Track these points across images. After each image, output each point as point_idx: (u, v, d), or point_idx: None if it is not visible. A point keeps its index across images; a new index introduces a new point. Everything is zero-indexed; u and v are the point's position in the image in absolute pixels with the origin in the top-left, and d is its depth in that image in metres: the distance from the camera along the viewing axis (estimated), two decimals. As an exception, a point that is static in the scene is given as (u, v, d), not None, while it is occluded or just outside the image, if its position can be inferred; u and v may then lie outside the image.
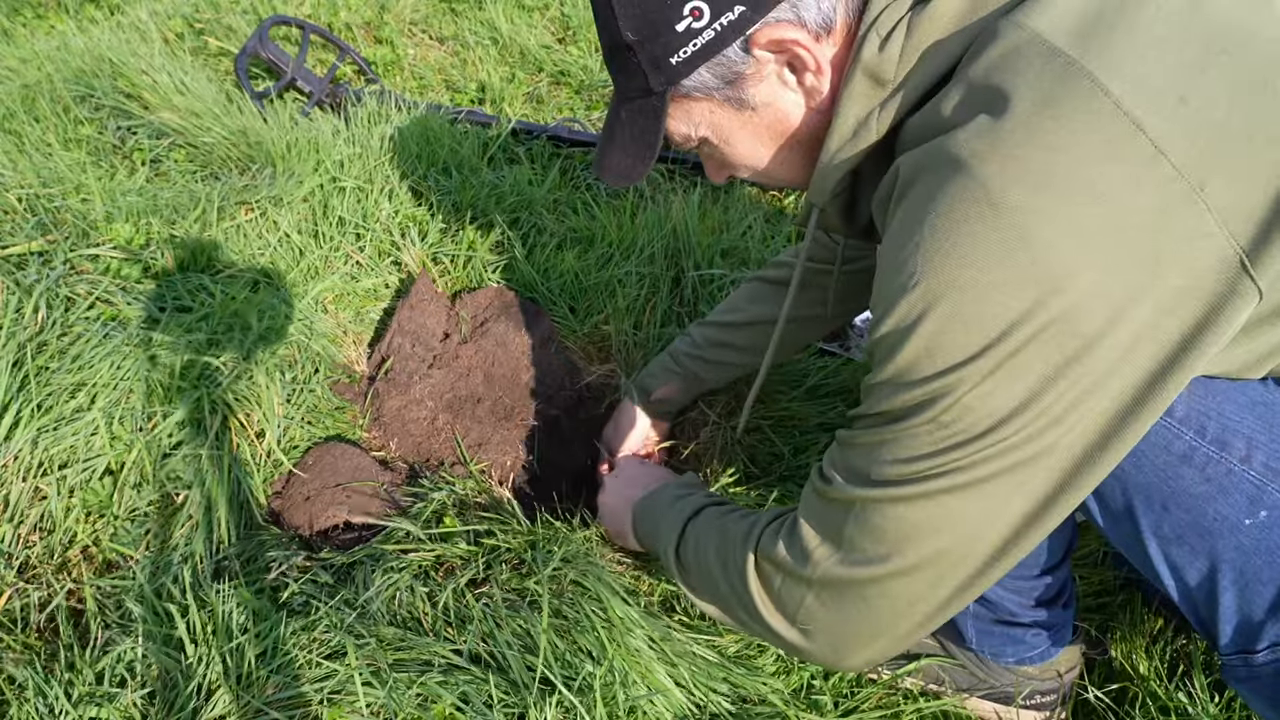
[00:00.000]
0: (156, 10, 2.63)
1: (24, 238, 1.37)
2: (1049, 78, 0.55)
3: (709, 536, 0.86)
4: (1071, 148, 0.53)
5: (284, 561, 1.15)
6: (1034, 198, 0.53)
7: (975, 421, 0.58)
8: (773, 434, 1.40)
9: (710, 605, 0.85)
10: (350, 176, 1.76)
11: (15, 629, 1.10)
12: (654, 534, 1.00)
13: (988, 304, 0.55)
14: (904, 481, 0.62)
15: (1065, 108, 0.54)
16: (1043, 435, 0.57)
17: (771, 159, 0.79)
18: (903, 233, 0.60)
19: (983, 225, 0.55)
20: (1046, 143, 0.54)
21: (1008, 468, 0.58)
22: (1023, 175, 0.54)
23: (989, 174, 0.55)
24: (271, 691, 0.99)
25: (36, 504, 1.17)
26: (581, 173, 2.10)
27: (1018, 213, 0.53)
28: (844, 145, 0.71)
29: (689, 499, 0.97)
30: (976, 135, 0.56)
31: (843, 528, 0.67)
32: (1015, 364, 0.55)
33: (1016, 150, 0.54)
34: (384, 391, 1.45)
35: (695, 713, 1.03)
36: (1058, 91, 0.55)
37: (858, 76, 0.67)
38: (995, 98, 0.57)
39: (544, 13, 2.78)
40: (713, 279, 1.66)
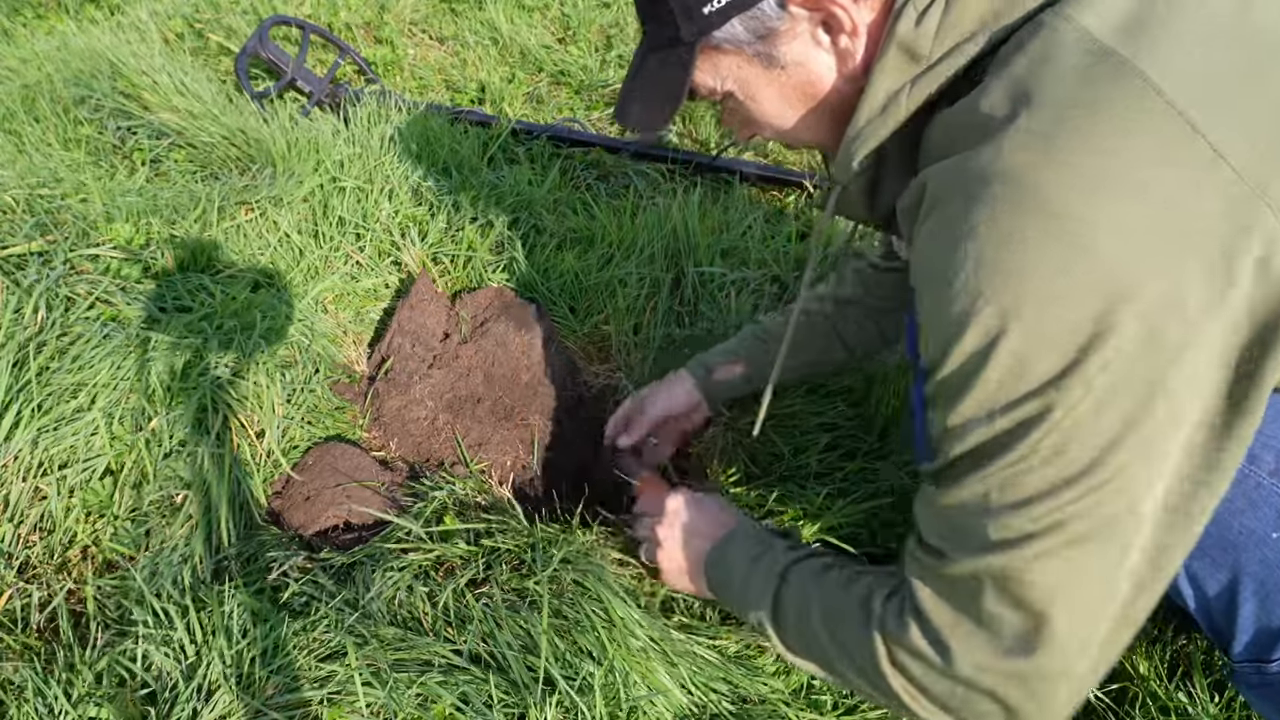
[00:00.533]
0: (156, 10, 2.63)
1: (23, 238, 1.37)
2: (1100, 78, 0.53)
3: (810, 606, 0.78)
4: (1125, 151, 0.51)
5: (284, 561, 1.15)
6: (1092, 204, 0.51)
7: (1081, 450, 0.54)
8: (773, 434, 1.40)
9: (815, 669, 0.79)
10: (350, 176, 1.76)
11: (15, 629, 1.09)
12: (738, 599, 0.91)
13: (1065, 316, 0.52)
14: (1029, 537, 0.56)
15: (1118, 110, 0.52)
16: (1153, 449, 0.54)
17: (797, 121, 0.76)
18: (950, 253, 0.56)
19: (1045, 236, 0.52)
20: (1100, 147, 0.52)
21: (1126, 498, 0.54)
22: (1078, 181, 0.52)
23: (1043, 182, 0.52)
24: (271, 692, 0.99)
25: (36, 504, 1.17)
26: (581, 173, 2.10)
27: (1079, 221, 0.51)
28: (873, 119, 0.68)
29: (768, 557, 0.88)
30: (1025, 143, 0.54)
31: (977, 607, 0.60)
32: (1109, 380, 0.52)
33: (1071, 157, 0.52)
34: (384, 391, 1.45)
35: (695, 712, 1.03)
36: (1110, 93, 0.53)
37: (892, 50, 0.64)
38: (1042, 99, 0.54)
39: (544, 13, 2.78)
40: (713, 279, 1.66)
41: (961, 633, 0.62)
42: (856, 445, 1.37)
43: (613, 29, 2.68)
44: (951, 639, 0.62)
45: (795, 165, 2.14)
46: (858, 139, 0.70)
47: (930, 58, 0.64)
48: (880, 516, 1.27)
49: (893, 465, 1.32)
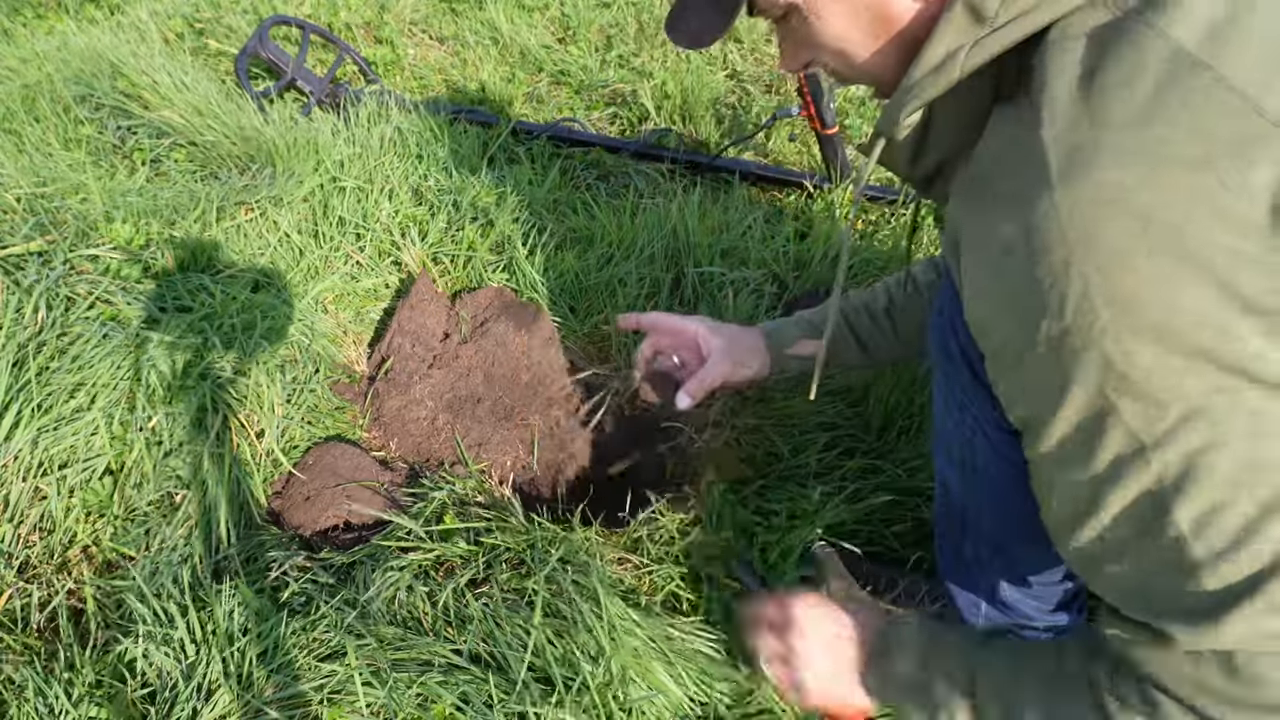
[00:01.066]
0: (156, 10, 2.63)
1: (23, 238, 1.37)
2: (1199, 96, 0.51)
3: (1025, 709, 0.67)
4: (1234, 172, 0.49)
5: (284, 561, 1.15)
6: (1196, 220, 0.49)
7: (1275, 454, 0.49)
8: (773, 434, 1.40)
9: None
10: (350, 176, 1.76)
11: (15, 629, 1.10)
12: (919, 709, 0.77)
13: (1205, 332, 0.49)
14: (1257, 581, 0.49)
15: (1218, 128, 0.50)
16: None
17: (861, 45, 0.70)
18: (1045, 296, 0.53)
19: (1156, 252, 0.49)
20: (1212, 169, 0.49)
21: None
22: (1179, 193, 0.49)
23: (1147, 200, 0.50)
24: (271, 691, 0.99)
25: (36, 504, 1.18)
26: (581, 173, 2.10)
27: (1185, 234, 0.49)
28: (926, 75, 0.64)
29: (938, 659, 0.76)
30: (1112, 158, 0.51)
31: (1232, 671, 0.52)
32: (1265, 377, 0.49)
33: (1174, 178, 0.50)
34: (384, 391, 1.45)
35: (695, 712, 1.03)
36: (1209, 111, 0.50)
37: (958, 7, 0.61)
38: (1134, 123, 0.51)
39: (544, 13, 2.78)
40: (712, 279, 1.66)
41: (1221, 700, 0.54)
42: (855, 445, 1.37)
43: (613, 29, 2.68)
44: (1209, 708, 0.54)
45: (795, 165, 2.14)
46: (909, 92, 0.66)
47: (995, 21, 0.60)
48: (879, 515, 1.27)
49: (891, 464, 1.32)
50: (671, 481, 1.45)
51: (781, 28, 0.75)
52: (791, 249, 1.76)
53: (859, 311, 1.16)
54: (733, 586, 1.18)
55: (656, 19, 2.68)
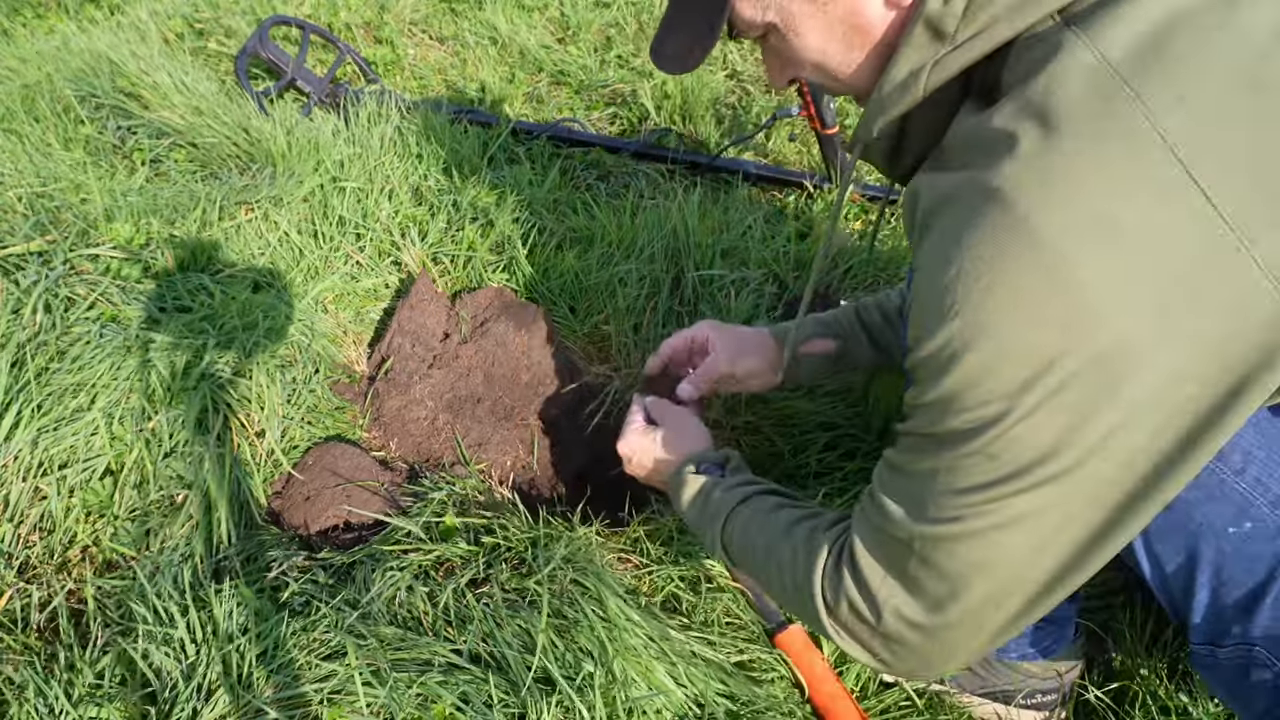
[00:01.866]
0: (156, 10, 2.63)
1: (23, 238, 1.37)
2: (1107, 115, 0.54)
3: (758, 530, 0.86)
4: (1119, 192, 0.53)
5: (284, 561, 1.15)
6: (1075, 239, 0.54)
7: (1022, 453, 0.58)
8: (773, 434, 1.40)
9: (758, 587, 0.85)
10: (350, 176, 1.76)
11: (15, 629, 1.10)
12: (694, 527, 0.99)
13: (1028, 340, 0.56)
14: (960, 517, 0.62)
15: (1116, 148, 0.54)
16: (1085, 467, 0.58)
17: (839, 57, 0.74)
18: (941, 257, 0.60)
19: (1023, 263, 0.55)
20: (1095, 187, 0.54)
21: (1055, 501, 0.59)
22: (1066, 215, 0.54)
23: (1031, 210, 0.54)
24: (271, 691, 0.99)
25: (36, 504, 1.18)
26: (581, 173, 2.10)
27: (1058, 253, 0.54)
28: (893, 90, 0.69)
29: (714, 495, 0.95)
30: (1023, 168, 0.56)
31: (905, 567, 0.68)
32: (1058, 400, 0.56)
33: (1065, 191, 0.54)
34: (384, 391, 1.45)
35: (695, 711, 1.03)
36: (1111, 128, 0.54)
37: (919, 26, 0.65)
38: (1045, 127, 0.56)
39: (544, 13, 2.78)
40: (713, 279, 1.66)
41: (887, 590, 0.69)
42: (856, 445, 1.37)
43: (612, 29, 2.68)
44: (879, 592, 0.70)
45: (795, 165, 2.14)
46: (878, 105, 0.71)
47: (955, 39, 0.64)
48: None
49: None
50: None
51: (764, 46, 0.79)
52: (791, 249, 1.76)
53: (871, 310, 1.20)
54: (733, 587, 1.19)
55: (656, 19, 2.68)
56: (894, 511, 0.68)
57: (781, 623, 1.13)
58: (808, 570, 0.77)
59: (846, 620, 0.73)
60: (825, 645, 1.13)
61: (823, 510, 0.86)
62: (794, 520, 0.84)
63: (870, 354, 1.19)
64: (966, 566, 0.64)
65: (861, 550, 0.72)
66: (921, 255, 0.64)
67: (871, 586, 0.70)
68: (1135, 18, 0.56)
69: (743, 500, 0.92)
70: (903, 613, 0.68)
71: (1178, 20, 0.56)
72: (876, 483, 0.73)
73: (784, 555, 0.81)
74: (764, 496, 0.92)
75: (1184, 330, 0.54)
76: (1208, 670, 0.72)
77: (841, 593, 0.73)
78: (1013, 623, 0.66)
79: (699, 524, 0.97)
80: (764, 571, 0.85)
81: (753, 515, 0.89)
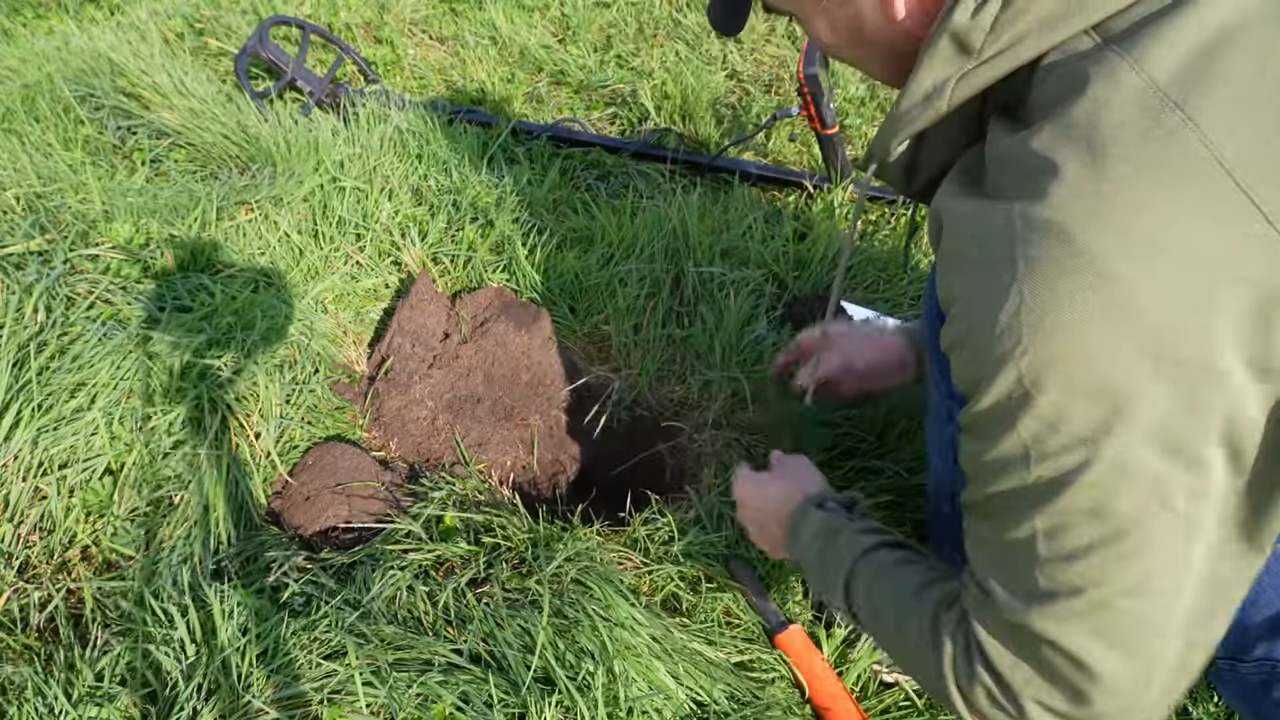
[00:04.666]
0: (156, 10, 2.63)
1: (23, 237, 1.37)
2: (1157, 137, 0.53)
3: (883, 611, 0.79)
4: (1179, 218, 0.52)
5: (284, 561, 1.15)
6: (1141, 267, 0.52)
7: (1122, 508, 0.55)
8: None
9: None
10: (350, 176, 1.76)
11: (15, 629, 1.09)
12: (817, 584, 0.92)
13: (1104, 375, 0.53)
14: (1083, 589, 0.57)
15: (1173, 172, 0.52)
16: (1201, 497, 0.55)
17: (851, 54, 0.76)
18: (993, 294, 0.57)
19: (1088, 296, 0.53)
20: (1153, 211, 0.52)
21: (1174, 548, 0.56)
22: (1129, 244, 0.52)
23: (1090, 241, 0.53)
24: (271, 691, 0.99)
25: (36, 504, 1.17)
26: (581, 173, 2.10)
27: (1127, 283, 0.52)
28: (914, 107, 0.67)
29: (835, 545, 0.88)
30: (1073, 196, 0.54)
31: (1037, 654, 0.61)
32: (1144, 437, 0.53)
33: (1123, 217, 0.52)
34: (384, 391, 1.45)
35: (696, 711, 1.03)
36: (1165, 153, 0.52)
37: (944, 39, 0.63)
38: (1093, 153, 0.54)
39: (544, 13, 2.78)
40: (712, 279, 1.66)
41: (1021, 677, 0.62)
42: (856, 445, 1.37)
43: (612, 29, 2.68)
44: (1013, 681, 0.63)
45: (795, 165, 2.14)
46: (899, 121, 0.69)
47: (981, 54, 0.62)
48: (879, 515, 1.27)
49: (891, 465, 1.32)
50: (671, 481, 1.45)
51: (795, 22, 0.82)
52: (791, 249, 1.76)
53: None
54: (734, 587, 1.19)
55: (656, 19, 2.68)
56: (1002, 595, 0.62)
57: (782, 623, 1.13)
58: (937, 657, 0.70)
59: (986, 712, 0.66)
60: (825, 645, 1.13)
61: (946, 572, 0.78)
62: (918, 586, 0.77)
63: None
64: (1098, 645, 0.58)
65: (986, 636, 0.65)
66: (959, 286, 0.61)
67: (1005, 676, 0.63)
68: (1181, 38, 0.55)
69: (870, 549, 0.85)
70: (1044, 702, 0.62)
71: (1225, 39, 0.54)
72: (974, 564, 0.67)
73: (912, 630, 0.74)
74: (890, 549, 0.84)
75: (1262, 345, 0.52)
76: (1228, 686, 0.70)
77: (976, 683, 0.66)
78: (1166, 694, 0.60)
79: (820, 566, 0.90)
80: (895, 646, 0.78)
81: (879, 572, 0.82)
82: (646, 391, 1.53)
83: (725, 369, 1.48)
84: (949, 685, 0.68)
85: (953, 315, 0.62)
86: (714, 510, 1.28)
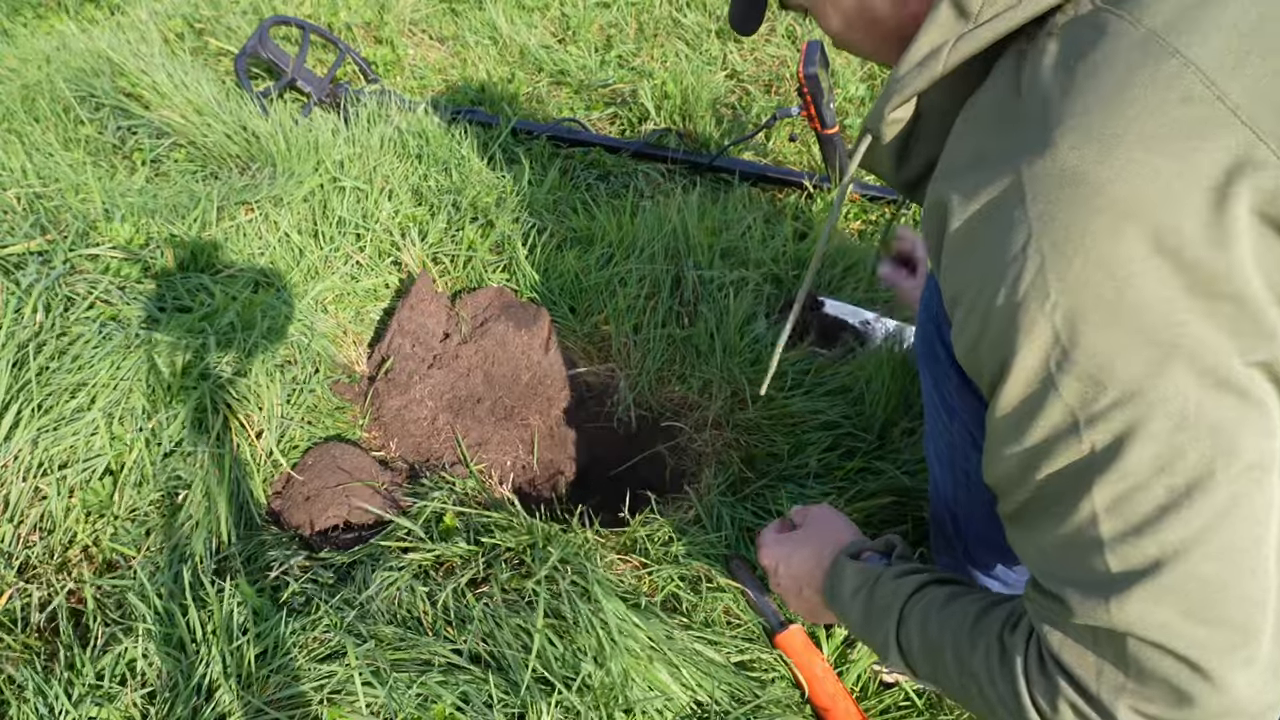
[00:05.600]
0: (156, 10, 2.63)
1: (23, 237, 1.37)
2: (1162, 80, 0.52)
3: (941, 651, 0.72)
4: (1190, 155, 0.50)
5: (284, 561, 1.15)
6: (1167, 195, 0.50)
7: (1194, 456, 0.50)
8: (773, 434, 1.40)
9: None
10: (350, 176, 1.76)
11: (15, 629, 1.10)
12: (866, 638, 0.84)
13: (1145, 308, 0.50)
14: (1162, 561, 0.51)
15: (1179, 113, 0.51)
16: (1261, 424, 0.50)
17: (862, 41, 0.76)
18: (1008, 261, 0.54)
19: (1120, 226, 0.50)
20: (1167, 146, 0.50)
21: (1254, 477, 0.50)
22: (1149, 177, 0.50)
23: (1111, 179, 0.51)
24: (272, 691, 0.99)
25: (36, 504, 1.18)
26: (581, 173, 2.10)
27: (1152, 211, 0.50)
28: (911, 69, 0.66)
29: (877, 594, 0.82)
30: (1084, 141, 0.52)
31: (1124, 655, 0.54)
32: (1200, 373, 0.50)
33: (1137, 154, 0.51)
34: (384, 391, 1.45)
35: (696, 711, 1.03)
36: (1171, 95, 0.51)
37: (944, 5, 0.63)
38: (1100, 100, 0.53)
39: (544, 13, 2.78)
40: (712, 279, 1.66)
41: (1110, 685, 0.55)
42: (856, 445, 1.37)
43: (612, 29, 2.68)
44: (1100, 691, 0.56)
45: (795, 165, 2.14)
46: (894, 85, 0.68)
47: (979, 16, 0.61)
48: (880, 516, 1.27)
49: (891, 465, 1.32)
50: (671, 481, 1.45)
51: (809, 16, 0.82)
52: (791, 249, 1.76)
53: None
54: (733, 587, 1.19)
55: (656, 19, 2.68)
56: (1075, 596, 0.55)
57: (782, 623, 1.13)
58: (1009, 683, 0.63)
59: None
60: (825, 645, 1.13)
61: (1001, 595, 0.73)
62: (976, 615, 0.70)
63: None
64: (1194, 628, 0.51)
65: (1061, 644, 0.58)
66: (970, 270, 0.59)
67: (1090, 687, 0.56)
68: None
69: (917, 590, 0.78)
70: (1142, 710, 0.54)
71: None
72: (1036, 574, 0.61)
73: (977, 665, 0.67)
74: (938, 586, 0.78)
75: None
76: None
77: (1059, 699, 0.58)
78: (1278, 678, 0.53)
79: (866, 622, 0.82)
80: (961, 689, 0.70)
81: (929, 610, 0.75)
82: (646, 391, 1.54)
83: (725, 369, 1.48)
84: (1028, 710, 0.61)
85: (965, 306, 0.60)
86: (714, 510, 1.28)
